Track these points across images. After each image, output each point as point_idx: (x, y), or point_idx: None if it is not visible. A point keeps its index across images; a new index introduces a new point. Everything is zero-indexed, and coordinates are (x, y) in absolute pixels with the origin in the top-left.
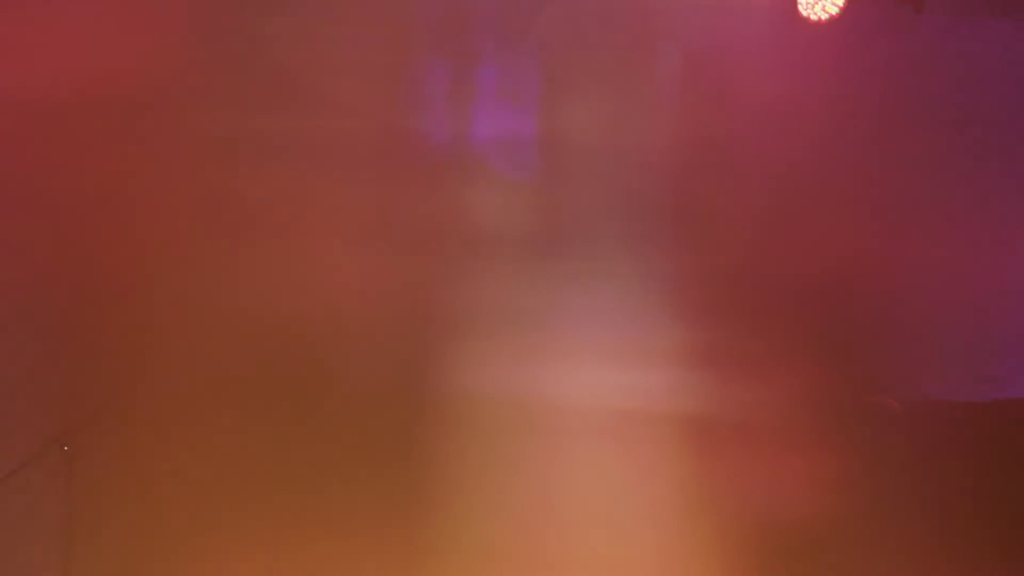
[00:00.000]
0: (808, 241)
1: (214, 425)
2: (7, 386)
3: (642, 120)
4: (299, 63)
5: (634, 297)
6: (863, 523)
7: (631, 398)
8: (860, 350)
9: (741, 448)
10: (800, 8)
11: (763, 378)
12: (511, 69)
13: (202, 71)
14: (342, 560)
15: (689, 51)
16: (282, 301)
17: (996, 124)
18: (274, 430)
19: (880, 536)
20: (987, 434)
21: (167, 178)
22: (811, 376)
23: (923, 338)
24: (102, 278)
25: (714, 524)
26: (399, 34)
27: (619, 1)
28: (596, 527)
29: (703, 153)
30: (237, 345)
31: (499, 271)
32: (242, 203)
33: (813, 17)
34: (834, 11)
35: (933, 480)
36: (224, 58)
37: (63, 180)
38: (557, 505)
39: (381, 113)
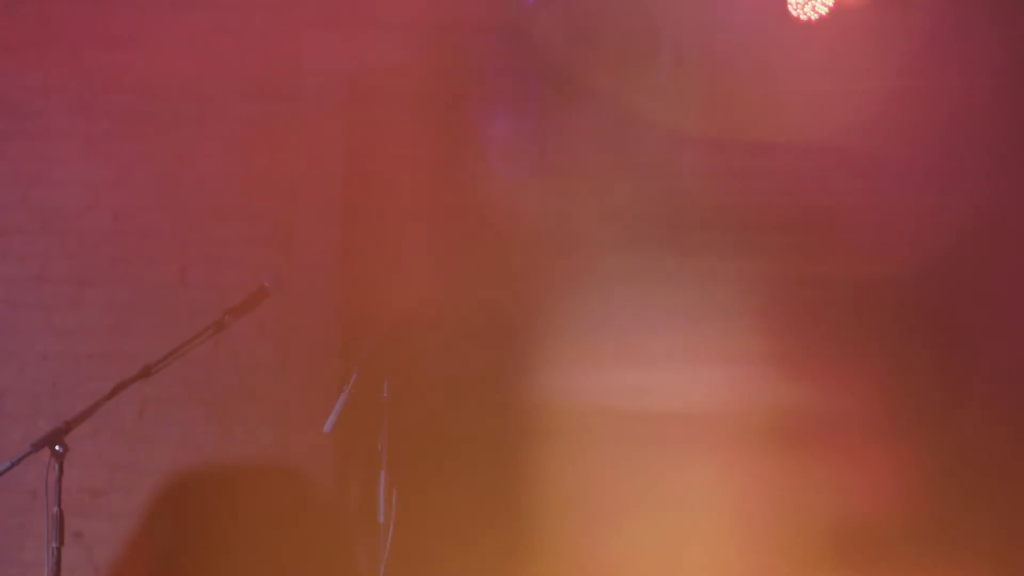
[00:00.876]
0: (884, 244)
1: None
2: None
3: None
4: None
5: (715, 300)
6: (943, 525)
7: (714, 401)
8: (940, 352)
9: (828, 450)
10: (790, 7)
11: (844, 381)
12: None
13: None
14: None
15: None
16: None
17: None
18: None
19: (961, 538)
20: None
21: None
22: (892, 378)
23: (1004, 338)
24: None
25: (802, 525)
26: None
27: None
28: (684, 528)
29: (792, 156)
30: None
31: (578, 273)
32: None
33: (803, 17)
34: (824, 11)
35: (1014, 480)
36: None
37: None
38: (651, 510)
39: None
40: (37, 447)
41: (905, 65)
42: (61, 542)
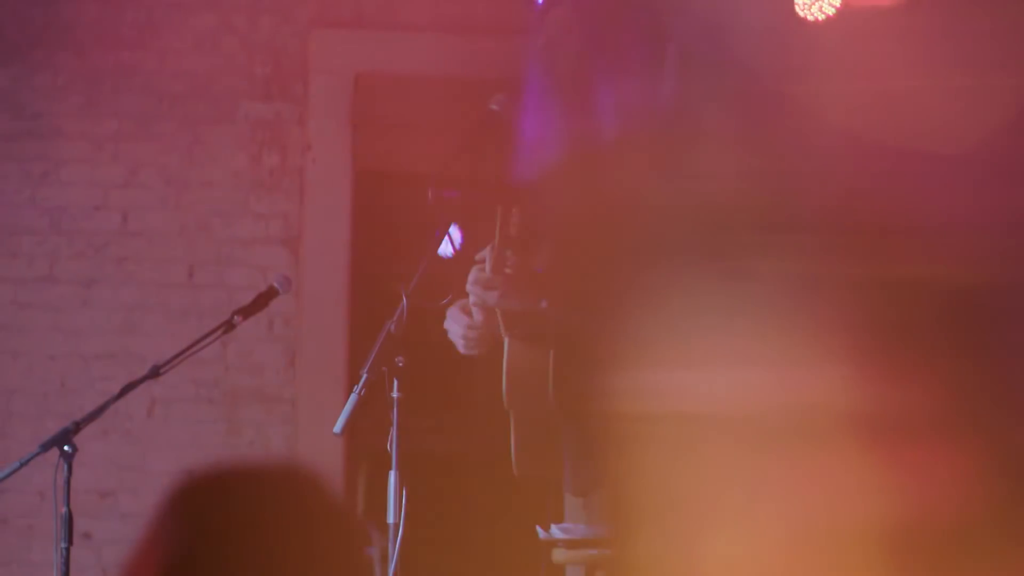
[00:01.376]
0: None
1: None
2: None
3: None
4: None
5: (794, 302)
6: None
7: (801, 403)
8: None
9: (902, 449)
10: (797, 8)
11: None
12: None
13: None
14: None
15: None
16: None
17: None
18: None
19: None
20: None
21: None
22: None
23: None
24: None
25: (888, 525)
26: None
27: None
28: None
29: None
30: None
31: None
32: None
33: (810, 17)
34: (831, 11)
35: None
36: None
37: None
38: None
39: None
40: (46, 447)
41: (950, 62)
42: (70, 542)
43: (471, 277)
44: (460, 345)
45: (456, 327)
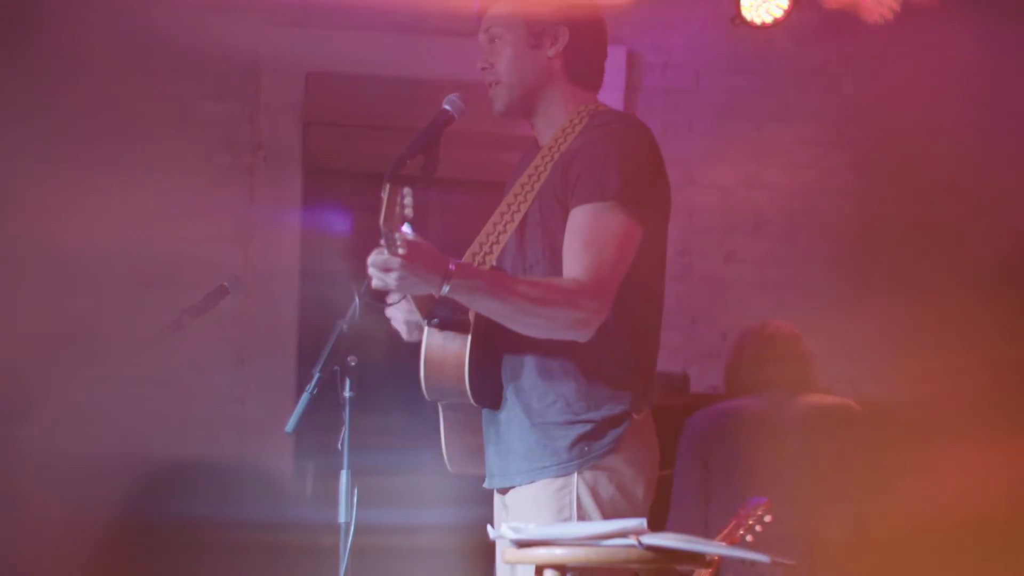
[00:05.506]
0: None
1: None
2: None
3: None
4: None
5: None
6: None
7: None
8: None
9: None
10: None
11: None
12: None
13: None
14: None
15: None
16: None
17: None
18: None
19: None
20: None
21: None
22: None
23: None
24: None
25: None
26: None
27: None
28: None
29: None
30: None
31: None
32: None
33: (758, 20)
34: (779, 14)
35: None
36: None
37: None
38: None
39: None
40: None
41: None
42: None
43: (368, 260)
44: (403, 332)
45: (398, 313)
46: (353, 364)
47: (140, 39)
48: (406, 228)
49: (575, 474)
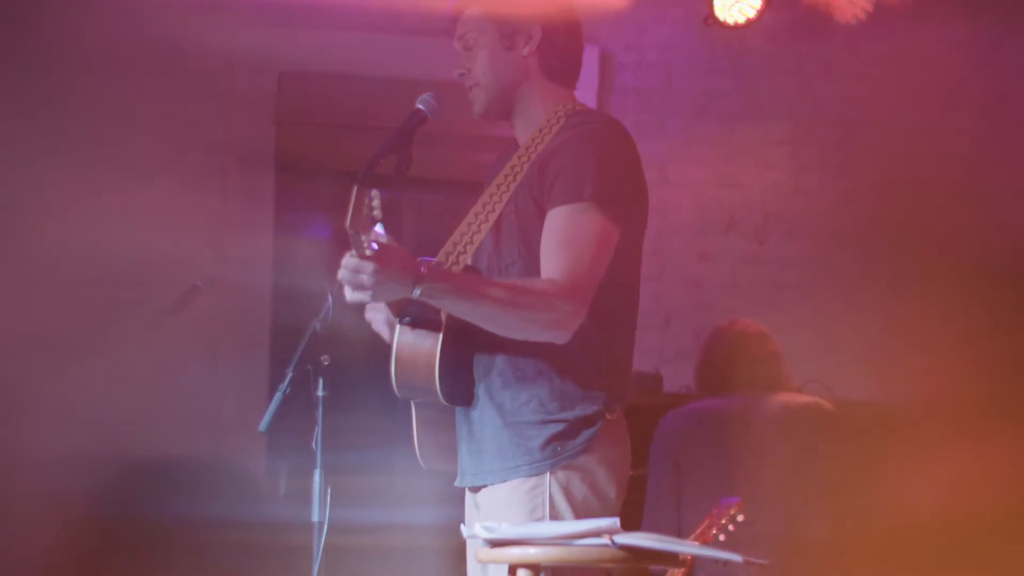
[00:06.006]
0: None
1: None
2: None
3: None
4: None
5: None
6: None
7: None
8: None
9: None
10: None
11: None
12: None
13: None
14: None
15: None
16: None
17: None
18: None
19: None
20: None
21: None
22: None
23: None
24: None
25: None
26: None
27: None
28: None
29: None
30: None
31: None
32: None
33: (730, 20)
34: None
35: None
36: None
37: None
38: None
39: None
40: None
41: None
42: None
43: (341, 264)
44: (385, 334)
45: (378, 315)
46: (326, 363)
47: (113, 39)
48: (379, 229)
49: (547, 474)
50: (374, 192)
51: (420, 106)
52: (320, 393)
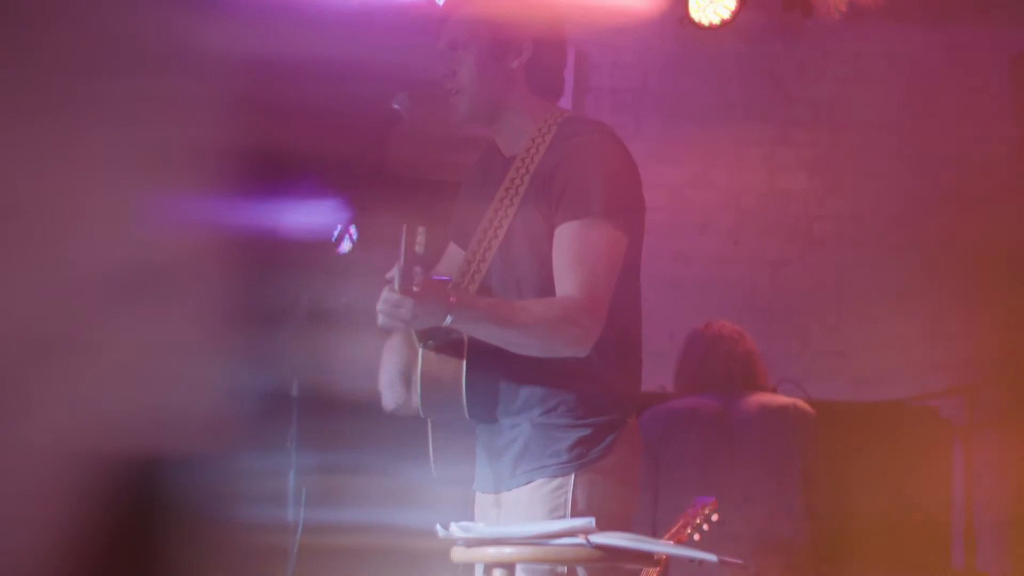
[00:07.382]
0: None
1: None
2: None
3: None
4: None
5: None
6: None
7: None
8: None
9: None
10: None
11: None
12: None
13: None
14: None
15: None
16: None
17: None
18: None
19: None
20: None
21: None
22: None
23: None
24: None
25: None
26: None
27: None
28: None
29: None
30: None
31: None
32: None
33: (705, 22)
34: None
35: None
36: None
37: None
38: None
39: None
40: None
41: None
42: None
43: (381, 297)
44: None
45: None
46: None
47: (113, 39)
48: (352, 227)
49: (572, 475)
50: (421, 229)
51: (396, 106)
52: (295, 394)
